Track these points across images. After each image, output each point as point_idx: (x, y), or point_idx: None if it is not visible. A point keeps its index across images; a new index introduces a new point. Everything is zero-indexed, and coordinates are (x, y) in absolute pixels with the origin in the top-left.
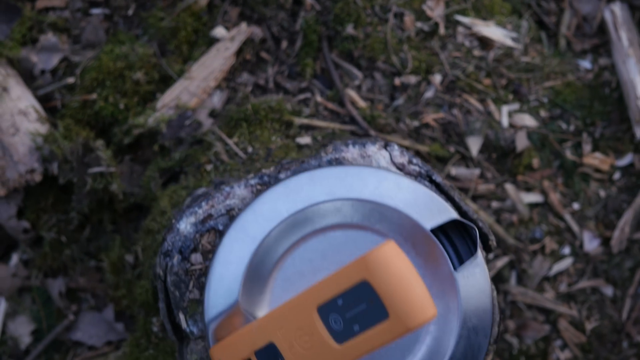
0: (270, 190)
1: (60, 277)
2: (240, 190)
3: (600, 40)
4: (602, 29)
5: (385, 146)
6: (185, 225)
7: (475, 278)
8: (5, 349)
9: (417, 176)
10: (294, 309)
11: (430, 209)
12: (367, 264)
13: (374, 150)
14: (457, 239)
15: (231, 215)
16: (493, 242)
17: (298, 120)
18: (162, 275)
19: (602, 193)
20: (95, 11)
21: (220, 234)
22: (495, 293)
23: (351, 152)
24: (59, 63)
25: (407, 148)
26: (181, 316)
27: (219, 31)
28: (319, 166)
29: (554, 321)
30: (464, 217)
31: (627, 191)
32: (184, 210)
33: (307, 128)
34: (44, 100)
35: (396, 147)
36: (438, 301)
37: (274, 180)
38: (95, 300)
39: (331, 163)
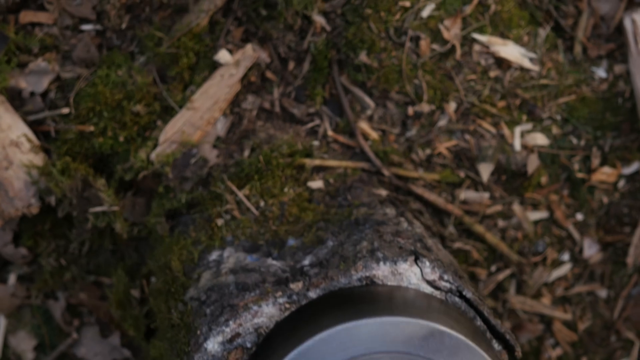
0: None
1: (61, 296)
2: (268, 309)
3: (616, 44)
4: (619, 30)
5: (416, 260)
6: (213, 344)
7: None
8: None
9: (447, 292)
10: None
11: None
12: None
13: (405, 267)
14: None
15: (259, 334)
16: (519, 352)
17: (310, 163)
18: None
19: (605, 199)
20: (86, 27)
21: (247, 351)
22: None
23: (382, 269)
24: (49, 84)
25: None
26: None
27: (223, 55)
28: (349, 284)
29: (549, 322)
30: (492, 332)
31: (630, 196)
32: (210, 328)
33: (318, 170)
34: (36, 125)
35: (427, 263)
36: None
37: (303, 298)
38: (97, 322)
39: (361, 281)
